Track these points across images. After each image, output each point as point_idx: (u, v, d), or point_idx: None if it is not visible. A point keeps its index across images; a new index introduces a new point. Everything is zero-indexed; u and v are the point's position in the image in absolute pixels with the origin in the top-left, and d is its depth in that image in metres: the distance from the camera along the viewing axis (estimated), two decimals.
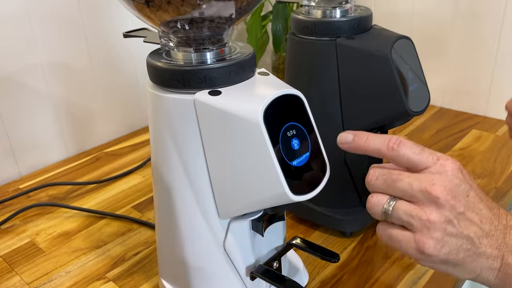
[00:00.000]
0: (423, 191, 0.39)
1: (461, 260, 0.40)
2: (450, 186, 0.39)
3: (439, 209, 0.39)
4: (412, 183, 0.40)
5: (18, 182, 0.88)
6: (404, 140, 0.41)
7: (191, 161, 0.46)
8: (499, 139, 0.94)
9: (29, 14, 0.85)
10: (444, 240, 0.39)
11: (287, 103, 0.43)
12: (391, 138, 0.41)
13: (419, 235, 0.39)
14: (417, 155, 0.41)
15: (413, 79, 0.61)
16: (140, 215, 0.77)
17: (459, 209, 0.39)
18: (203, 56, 0.45)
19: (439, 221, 0.39)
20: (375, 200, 0.42)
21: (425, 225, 0.39)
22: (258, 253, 0.52)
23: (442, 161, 0.40)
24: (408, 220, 0.40)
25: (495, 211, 0.41)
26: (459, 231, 0.39)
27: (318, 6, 0.63)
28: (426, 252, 0.39)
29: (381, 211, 0.41)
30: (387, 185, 0.41)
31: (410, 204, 0.40)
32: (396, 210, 0.40)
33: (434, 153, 0.41)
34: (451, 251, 0.40)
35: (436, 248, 0.39)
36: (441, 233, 0.39)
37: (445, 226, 0.39)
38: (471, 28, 1.01)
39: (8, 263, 0.67)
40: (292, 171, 0.42)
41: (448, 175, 0.40)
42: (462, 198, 0.40)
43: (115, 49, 1.00)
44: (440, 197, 0.39)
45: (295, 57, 0.66)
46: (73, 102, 0.96)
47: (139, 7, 0.43)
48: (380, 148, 0.41)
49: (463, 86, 1.07)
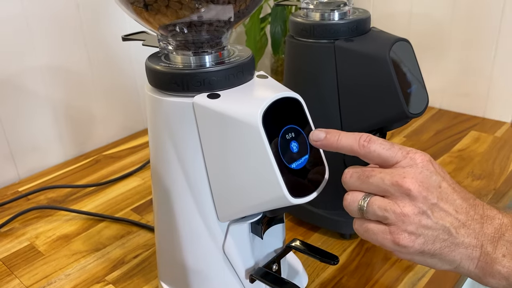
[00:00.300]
0: (395, 184, 0.40)
1: (438, 250, 0.41)
2: (421, 178, 0.40)
3: (412, 201, 0.40)
4: (384, 178, 0.40)
5: (17, 185, 0.88)
6: (374, 137, 0.42)
7: (190, 164, 0.46)
8: (498, 140, 0.95)
9: (28, 18, 0.85)
10: (418, 231, 0.40)
11: (285, 106, 0.44)
12: (362, 136, 0.42)
13: (394, 228, 0.40)
14: (387, 150, 0.41)
15: (411, 81, 0.61)
16: (139, 217, 0.77)
17: (432, 200, 0.40)
18: (202, 59, 0.46)
19: (412, 213, 0.40)
20: (351, 197, 0.43)
21: (399, 218, 0.40)
22: (258, 255, 0.52)
23: (412, 155, 0.41)
24: (383, 214, 0.41)
25: (471, 202, 0.42)
26: (434, 222, 0.40)
27: (316, 9, 0.63)
28: (402, 244, 0.40)
29: (357, 208, 0.42)
30: (361, 181, 0.42)
31: (384, 199, 0.41)
32: (370, 205, 0.41)
33: (404, 148, 0.42)
34: (427, 242, 0.40)
35: (411, 239, 0.40)
36: (416, 225, 0.40)
37: (419, 218, 0.40)
38: (469, 29, 1.01)
39: (7, 266, 0.67)
40: (291, 173, 0.42)
41: (419, 168, 0.41)
42: (435, 189, 0.40)
43: (114, 52, 1.00)
44: (412, 189, 0.39)
45: (293, 60, 0.66)
46: (72, 105, 0.96)
47: (138, 10, 0.43)
48: (352, 145, 0.42)
49: (462, 88, 1.07)
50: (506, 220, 0.41)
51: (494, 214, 0.42)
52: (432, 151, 0.92)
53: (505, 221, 0.41)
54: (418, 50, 0.64)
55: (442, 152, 0.92)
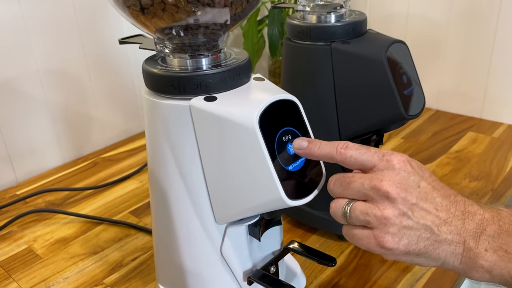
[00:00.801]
0: (373, 188, 0.41)
1: (423, 249, 0.41)
2: (398, 179, 0.41)
3: (391, 203, 0.40)
4: (364, 182, 0.41)
5: (15, 189, 0.88)
6: (351, 144, 0.43)
7: (187, 166, 0.46)
8: (495, 141, 0.95)
9: (25, 21, 0.85)
10: (401, 232, 0.41)
11: (282, 108, 0.44)
12: (340, 143, 0.43)
13: (377, 231, 0.41)
14: (363, 154, 0.42)
15: (408, 82, 0.61)
16: (137, 220, 0.77)
17: (411, 201, 0.41)
18: (198, 62, 0.46)
19: (393, 215, 0.40)
20: (335, 205, 0.44)
21: (381, 221, 0.41)
22: (255, 258, 0.52)
23: (388, 157, 0.42)
24: (365, 218, 0.41)
25: (452, 198, 0.42)
26: (415, 222, 0.41)
27: (313, 11, 0.63)
28: (386, 246, 0.41)
29: (341, 214, 0.43)
30: (343, 188, 0.43)
31: (365, 203, 0.42)
32: (353, 211, 0.42)
33: (380, 151, 0.42)
34: (410, 242, 0.41)
35: (395, 241, 0.41)
36: (397, 227, 0.41)
37: (400, 219, 0.40)
38: (466, 31, 1.01)
39: (5, 269, 0.67)
40: (288, 175, 0.43)
41: (396, 169, 0.41)
42: (413, 189, 0.41)
43: (112, 55, 1.00)
44: (390, 191, 0.40)
45: (290, 62, 0.66)
46: (69, 108, 0.96)
47: (135, 14, 0.44)
48: (330, 153, 0.43)
49: (459, 89, 1.07)
50: (488, 215, 0.42)
51: (475, 210, 0.42)
52: (429, 152, 0.93)
53: (486, 216, 0.42)
54: (415, 51, 0.64)
55: (440, 153, 0.92)
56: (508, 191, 0.79)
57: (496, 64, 1.00)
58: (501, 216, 0.42)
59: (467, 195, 0.54)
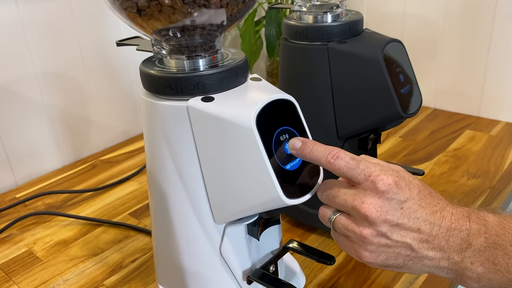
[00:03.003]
0: (354, 208, 0.42)
1: (402, 263, 0.43)
2: (380, 202, 0.41)
3: (371, 225, 0.41)
4: (347, 200, 0.42)
5: (14, 192, 0.88)
6: (342, 154, 0.43)
7: (186, 167, 0.47)
8: (493, 139, 0.95)
9: (23, 24, 0.85)
10: (379, 250, 0.42)
11: (279, 108, 0.44)
12: (331, 151, 0.43)
13: (357, 246, 0.43)
14: (350, 170, 0.42)
15: (404, 81, 0.61)
16: (137, 222, 0.77)
17: (392, 222, 0.41)
18: (195, 63, 0.46)
19: (371, 235, 0.41)
20: (322, 212, 0.45)
21: (359, 239, 0.42)
22: (255, 257, 0.53)
23: (373, 178, 0.41)
24: (346, 233, 0.43)
25: (438, 215, 0.42)
26: (394, 241, 0.41)
27: (309, 11, 0.63)
28: (364, 260, 0.43)
29: (327, 221, 0.45)
30: (329, 200, 0.44)
31: (348, 218, 0.43)
32: (336, 223, 0.44)
33: (368, 168, 0.42)
34: (389, 258, 0.42)
35: (373, 257, 0.42)
36: (375, 246, 0.42)
37: (378, 240, 0.41)
38: (463, 29, 1.02)
39: (5, 272, 0.67)
40: (286, 174, 0.43)
41: (379, 192, 0.41)
42: (395, 211, 0.41)
43: (109, 57, 1.00)
44: (368, 215, 0.41)
45: (287, 62, 0.66)
46: (68, 110, 0.96)
47: (131, 16, 0.44)
48: (320, 160, 0.43)
49: (456, 87, 1.07)
50: (474, 227, 0.41)
51: (461, 225, 0.42)
52: (427, 150, 0.93)
53: (472, 229, 0.41)
54: (412, 51, 0.64)
55: (438, 151, 0.92)
56: (506, 189, 0.79)
57: (493, 62, 1.00)
58: (487, 227, 0.41)
59: (465, 193, 0.55)
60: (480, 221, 0.42)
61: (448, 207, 0.43)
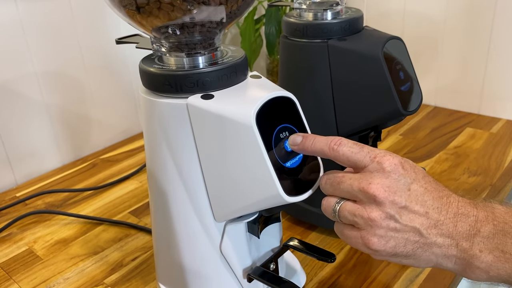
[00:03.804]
0: (362, 190, 0.40)
1: (411, 251, 0.41)
2: (387, 183, 0.40)
3: (378, 206, 0.40)
4: (353, 184, 0.41)
5: (14, 191, 0.88)
6: (344, 141, 0.42)
7: (186, 165, 0.47)
8: (493, 137, 0.95)
9: (22, 23, 0.85)
10: (388, 235, 0.41)
11: (279, 105, 0.44)
12: (333, 139, 0.43)
13: (364, 233, 0.41)
14: (355, 154, 0.42)
15: (405, 78, 0.61)
16: (137, 220, 0.77)
17: (400, 204, 0.40)
18: (195, 60, 0.46)
19: (380, 218, 0.40)
20: (326, 202, 0.44)
21: (367, 223, 0.41)
22: (255, 255, 0.53)
23: (379, 159, 0.41)
24: (353, 219, 0.42)
25: (444, 200, 0.41)
26: (403, 225, 0.40)
27: (309, 9, 0.63)
28: (373, 248, 0.41)
29: (331, 213, 0.43)
30: (333, 188, 0.43)
31: (354, 204, 0.42)
32: (342, 211, 0.42)
33: (373, 151, 0.42)
34: (398, 245, 0.41)
35: (381, 243, 0.41)
36: (384, 229, 0.40)
37: (387, 222, 0.40)
38: (463, 27, 1.02)
39: (6, 271, 0.67)
40: (286, 172, 0.43)
41: (386, 172, 0.41)
42: (403, 192, 0.40)
43: (109, 55, 1.00)
44: (377, 195, 0.40)
45: (287, 60, 0.66)
46: (68, 109, 0.96)
47: (131, 13, 0.44)
48: (323, 149, 0.43)
49: (456, 85, 1.07)
50: (482, 214, 0.41)
51: (468, 211, 0.41)
52: (428, 148, 0.93)
53: (480, 216, 0.41)
54: (412, 48, 0.64)
55: (438, 149, 0.92)
56: (507, 186, 0.79)
57: (493, 60, 1.00)
58: (495, 215, 0.41)
59: (466, 190, 0.54)
60: (488, 209, 0.41)
61: (453, 194, 0.42)
